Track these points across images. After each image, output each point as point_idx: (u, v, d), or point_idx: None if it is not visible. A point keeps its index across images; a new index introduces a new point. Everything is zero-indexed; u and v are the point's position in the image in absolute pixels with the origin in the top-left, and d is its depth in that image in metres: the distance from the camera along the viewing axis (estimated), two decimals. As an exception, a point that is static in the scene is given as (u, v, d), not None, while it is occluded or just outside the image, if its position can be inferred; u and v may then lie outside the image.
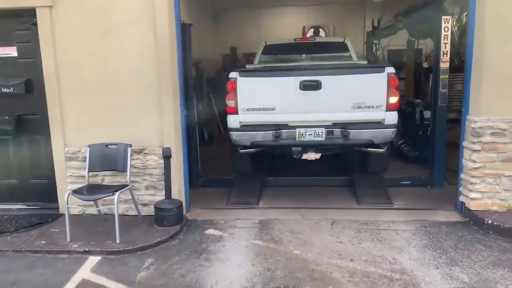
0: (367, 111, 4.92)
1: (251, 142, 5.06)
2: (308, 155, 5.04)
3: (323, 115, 4.98)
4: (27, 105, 5.17)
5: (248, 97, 5.00)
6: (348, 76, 4.99)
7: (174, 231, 4.58)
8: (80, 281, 3.72)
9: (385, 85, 4.85)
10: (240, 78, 5.00)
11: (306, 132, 4.97)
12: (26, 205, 5.36)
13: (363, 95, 4.91)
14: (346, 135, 4.93)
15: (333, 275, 3.67)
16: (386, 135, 5.02)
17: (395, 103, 4.94)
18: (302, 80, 4.87)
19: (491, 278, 3.57)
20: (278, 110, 4.99)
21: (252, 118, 5.04)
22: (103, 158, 4.74)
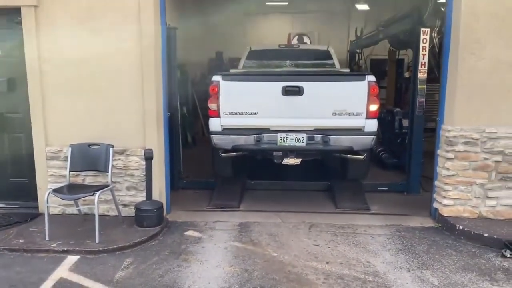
0: (348, 118, 5.02)
1: (232, 145, 5.11)
2: (289, 160, 5.10)
3: (304, 120, 5.05)
4: (9, 103, 5.17)
5: (230, 101, 5.05)
6: (329, 83, 5.12)
7: (154, 232, 4.62)
8: (58, 279, 3.73)
9: (365, 93, 4.96)
10: (223, 81, 5.05)
11: (287, 137, 5.03)
12: (5, 204, 5.33)
13: (344, 102, 5.01)
14: (327, 141, 5.01)
15: (308, 277, 3.76)
16: (365, 142, 5.12)
17: (375, 111, 5.05)
18: (284, 85, 4.94)
19: (460, 282, 3.71)
20: (260, 114, 5.05)
21: (234, 122, 5.08)
22: (84, 158, 4.76)
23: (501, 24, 4.62)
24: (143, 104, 4.91)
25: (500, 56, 4.64)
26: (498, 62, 4.65)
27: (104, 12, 4.80)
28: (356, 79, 5.14)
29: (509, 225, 4.70)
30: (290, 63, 7.30)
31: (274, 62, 7.35)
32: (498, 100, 4.71)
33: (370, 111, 5.00)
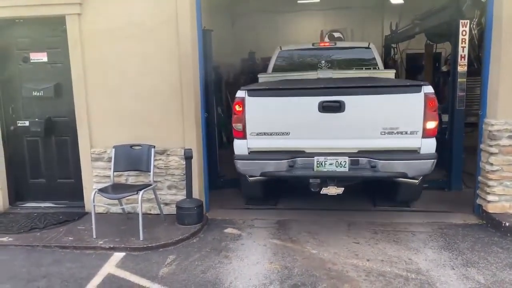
0: (400, 138, 4.24)
1: (261, 172, 4.45)
2: (329, 190, 4.33)
3: (346, 141, 4.34)
4: (56, 108, 5.42)
5: (258, 120, 4.41)
6: (377, 96, 4.29)
7: (194, 229, 4.74)
8: (106, 275, 3.90)
9: (421, 107, 4.16)
10: (249, 98, 4.40)
11: (326, 161, 4.30)
12: (54, 203, 5.61)
13: (395, 118, 4.23)
14: (374, 166, 4.24)
15: (349, 274, 3.75)
16: (422, 167, 4.29)
17: (434, 128, 4.24)
18: (322, 100, 4.24)
19: (508, 279, 3.60)
20: (294, 135, 4.38)
21: (262, 144, 4.44)
22: (127, 158, 4.94)
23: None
24: (182, 106, 5.04)
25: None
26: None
27: (143, 19, 4.96)
28: (409, 90, 4.30)
29: (556, 222, 4.51)
30: (326, 64, 6.67)
31: (308, 63, 6.74)
32: (545, 92, 4.53)
33: (427, 129, 4.20)
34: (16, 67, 5.42)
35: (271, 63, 6.84)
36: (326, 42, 7.57)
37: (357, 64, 6.71)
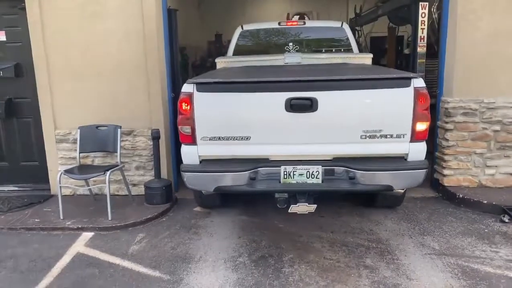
0: (384, 142, 3.53)
1: (215, 187, 3.61)
2: (298, 208, 3.57)
3: (319, 147, 3.59)
4: (17, 89, 5.28)
5: (211, 121, 3.58)
6: (356, 92, 3.53)
7: (163, 208, 4.79)
8: (75, 254, 3.90)
9: (411, 105, 3.45)
10: (198, 93, 3.53)
11: (295, 172, 3.55)
12: (18, 187, 5.50)
13: (378, 118, 3.51)
14: (353, 177, 3.50)
15: (314, 245, 3.92)
16: (411, 179, 3.61)
17: (425, 130, 3.54)
18: (290, 97, 3.44)
19: (460, 245, 3.87)
20: (255, 139, 3.57)
21: (217, 151, 3.63)
22: (93, 139, 4.89)
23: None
24: (148, 86, 5.02)
25: (497, 26, 4.72)
26: (496, 32, 4.73)
27: (106, -5, 4.87)
28: (397, 84, 3.50)
29: (507, 192, 4.84)
30: (294, 47, 5.89)
31: (273, 45, 6.03)
32: (496, 71, 4.80)
33: (417, 132, 3.50)
34: (-27, 46, 5.22)
35: (232, 44, 6.04)
36: (294, 21, 6.38)
37: (329, 47, 6.03)
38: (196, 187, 3.88)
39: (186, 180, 3.68)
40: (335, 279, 3.36)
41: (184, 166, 3.69)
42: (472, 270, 3.45)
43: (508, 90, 4.82)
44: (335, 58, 5.54)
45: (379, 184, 3.55)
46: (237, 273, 3.49)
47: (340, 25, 6.09)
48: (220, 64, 5.54)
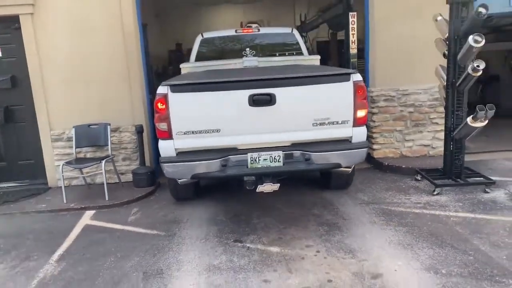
0: (332, 128, 4.17)
1: (192, 175, 4.14)
2: (264, 187, 4.11)
3: (279, 135, 4.17)
4: (12, 98, 6.09)
5: (185, 118, 4.08)
6: (307, 87, 4.14)
7: (150, 190, 5.78)
8: (84, 225, 4.83)
9: (351, 96, 4.11)
10: (172, 94, 4.02)
11: (260, 157, 4.11)
12: (17, 183, 6.28)
13: (326, 108, 4.15)
14: (308, 159, 4.13)
15: (276, 205, 5.06)
16: (355, 157, 4.28)
17: (364, 116, 4.22)
18: (252, 93, 3.99)
19: (383, 196, 5.15)
20: (225, 131, 4.11)
21: (191, 144, 4.12)
22: (87, 136, 5.81)
23: (395, 2, 6.04)
24: (130, 89, 6.00)
25: (403, 31, 6.09)
26: (402, 35, 6.10)
27: (92, 16, 5.82)
28: (339, 79, 4.16)
29: (421, 160, 6.24)
30: (250, 52, 6.47)
31: (231, 50, 6.60)
32: (406, 65, 6.18)
33: (358, 118, 4.17)
34: (-29, 62, 5.99)
35: (193, 51, 6.56)
36: (249, 28, 7.00)
37: (282, 50, 6.64)
38: (175, 176, 4.41)
39: (165, 171, 4.17)
40: (291, 224, 4.51)
41: (163, 158, 4.15)
42: (389, 210, 4.72)
43: (417, 80, 6.21)
44: (288, 61, 6.23)
45: (330, 162, 4.22)
46: (217, 226, 4.57)
47: (291, 31, 6.83)
48: (185, 70, 6.04)
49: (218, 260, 3.82)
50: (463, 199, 4.92)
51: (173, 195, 5.37)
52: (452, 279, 3.29)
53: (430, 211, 4.64)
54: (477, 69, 4.60)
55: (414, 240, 3.97)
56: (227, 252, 3.97)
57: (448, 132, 5.27)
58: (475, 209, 4.62)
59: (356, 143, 4.24)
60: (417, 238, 4.01)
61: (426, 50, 5.80)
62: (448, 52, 5.11)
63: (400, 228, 4.25)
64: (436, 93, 6.03)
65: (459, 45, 4.93)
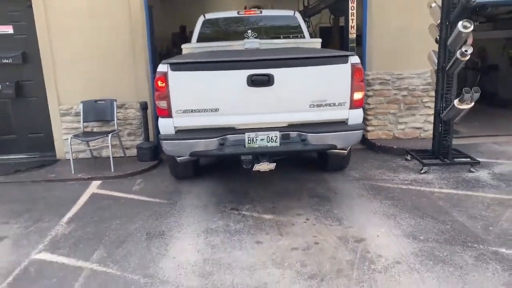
0: (328, 110, 4.23)
1: (190, 152, 4.24)
2: (261, 166, 4.22)
3: (276, 116, 4.24)
4: (23, 73, 6.36)
5: (184, 96, 4.16)
6: (305, 69, 4.19)
7: (153, 163, 6.09)
8: (91, 194, 5.16)
9: (349, 78, 4.17)
10: (172, 72, 4.08)
11: (257, 137, 4.17)
12: (26, 155, 6.60)
13: (324, 90, 4.20)
14: (305, 140, 4.21)
15: (271, 181, 5.36)
16: (351, 138, 4.36)
17: (361, 99, 4.29)
18: (250, 74, 4.05)
19: (373, 174, 5.45)
20: (223, 111, 4.17)
21: (190, 122, 4.21)
22: (94, 111, 6.11)
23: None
24: (135, 68, 6.27)
25: (399, 22, 6.32)
26: (399, 26, 6.33)
27: (100, -4, 6.08)
28: (337, 61, 4.21)
29: (413, 141, 6.52)
30: (252, 34, 6.54)
31: (233, 32, 6.69)
32: (401, 51, 6.42)
33: (354, 100, 4.24)
34: (-17, 38, 6.26)
35: (195, 32, 6.61)
36: (252, 10, 7.09)
37: (284, 33, 6.66)
38: (174, 153, 4.54)
39: (165, 148, 4.28)
40: (285, 196, 4.82)
41: (162, 136, 4.24)
42: (378, 186, 5.02)
43: (411, 65, 6.45)
44: (289, 43, 6.23)
45: (326, 144, 4.28)
46: (215, 197, 4.89)
47: (293, 13, 6.79)
48: (186, 50, 6.11)
49: (215, 225, 4.14)
50: (448, 177, 5.21)
51: (172, 174, 5.48)
52: (429, 244, 3.60)
53: (416, 187, 4.93)
54: (465, 54, 4.85)
55: (397, 212, 4.28)
56: (224, 218, 4.28)
57: (437, 114, 5.54)
58: (458, 186, 4.92)
59: (352, 125, 4.31)
60: (400, 210, 4.31)
61: (420, 36, 6.02)
62: (439, 38, 5.35)
63: (386, 201, 4.55)
64: (429, 78, 6.27)
65: (449, 30, 5.17)
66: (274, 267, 3.34)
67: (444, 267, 3.24)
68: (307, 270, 3.28)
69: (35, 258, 3.65)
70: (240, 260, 3.47)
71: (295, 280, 3.16)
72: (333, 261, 3.39)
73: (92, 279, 3.27)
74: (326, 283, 3.09)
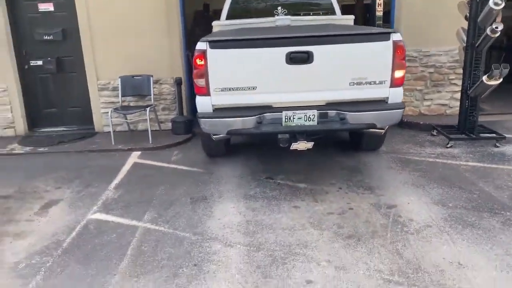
0: (368, 88, 4.17)
1: (228, 131, 4.26)
2: (298, 145, 4.20)
3: (314, 94, 4.21)
4: (63, 49, 6.66)
5: (222, 74, 4.16)
6: (346, 46, 4.13)
7: (187, 137, 6.38)
8: (133, 163, 5.49)
9: (390, 55, 4.09)
10: (211, 50, 4.07)
11: (294, 116, 4.16)
12: (66, 128, 6.96)
13: (364, 68, 4.14)
14: (343, 118, 4.17)
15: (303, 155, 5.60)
16: (391, 118, 4.29)
17: (402, 77, 4.22)
18: (289, 51, 4.03)
19: (401, 148, 5.64)
20: (260, 89, 4.16)
21: (228, 100, 4.21)
22: (131, 86, 6.40)
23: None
24: (170, 44, 6.50)
25: (428, -2, 6.41)
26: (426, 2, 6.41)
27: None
28: (379, 38, 4.12)
29: (438, 117, 6.66)
30: (282, 11, 6.42)
31: (263, 9, 6.57)
32: (428, 29, 6.49)
33: (395, 78, 4.16)
34: (25, 16, 6.54)
35: (224, 9, 6.48)
36: None
37: (315, 10, 6.58)
38: (211, 131, 4.51)
39: (203, 126, 4.26)
40: (317, 168, 5.07)
41: (200, 114, 4.24)
42: (406, 159, 5.23)
43: (439, 42, 6.54)
44: (321, 20, 6.09)
45: (365, 123, 4.21)
46: (250, 168, 5.16)
47: None
48: (216, 28, 5.99)
49: (253, 191, 4.43)
50: (474, 151, 5.39)
51: (205, 151, 5.54)
52: (457, 211, 3.83)
53: (443, 160, 5.13)
54: (496, 31, 4.96)
55: (426, 182, 4.50)
56: (260, 186, 4.57)
57: (464, 90, 5.67)
58: (484, 159, 5.10)
59: (392, 104, 4.22)
60: (428, 181, 4.53)
61: (448, 13, 6.10)
62: (469, 15, 5.44)
63: (414, 173, 4.76)
64: (456, 55, 6.37)
65: (480, 7, 5.25)
66: (312, 228, 3.62)
67: (473, 230, 3.47)
68: (344, 231, 3.55)
69: (91, 218, 4.00)
70: (280, 221, 3.76)
71: (333, 239, 3.43)
72: (368, 224, 3.65)
73: (148, 235, 3.61)
74: (363, 242, 3.36)
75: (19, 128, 6.80)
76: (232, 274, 3.02)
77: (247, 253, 3.28)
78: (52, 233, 3.73)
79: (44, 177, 5.09)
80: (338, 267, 3.06)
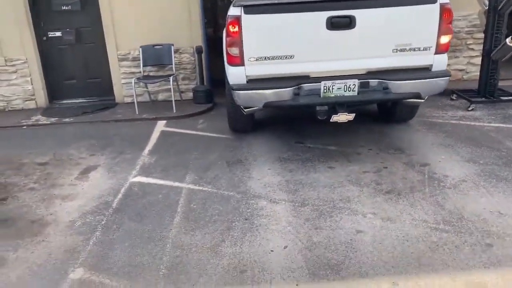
0: (412, 55, 3.94)
1: (264, 103, 4.02)
2: (339, 117, 4.04)
3: (355, 62, 3.96)
4: (82, 20, 6.64)
5: (258, 42, 3.89)
6: (390, 9, 3.86)
7: (209, 106, 6.45)
8: (161, 131, 5.57)
9: (437, 19, 3.85)
10: (246, 16, 3.81)
11: (333, 86, 3.92)
12: (86, 99, 7.00)
13: (408, 33, 3.90)
14: (386, 88, 3.95)
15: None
16: (437, 86, 4.08)
17: (447, 43, 3.98)
18: (330, 15, 3.77)
19: (422, 112, 5.70)
20: (298, 58, 3.91)
21: (263, 70, 3.96)
22: (152, 55, 6.42)
23: None
24: (189, 13, 6.49)
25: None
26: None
27: None
28: (424, 1, 3.86)
29: (456, 83, 6.75)
30: None
31: None
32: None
33: (441, 44, 3.93)
34: (42, -14, 6.50)
35: None
36: None
37: None
38: (247, 104, 4.21)
39: (238, 98, 4.00)
40: (344, 132, 5.15)
41: (235, 86, 3.98)
42: (430, 122, 5.34)
43: (458, 7, 6.49)
44: None
45: (410, 92, 4.00)
46: (279, 134, 5.24)
47: None
48: None
49: (286, 155, 4.54)
50: (495, 113, 5.50)
51: (230, 126, 5.25)
52: (489, 167, 3.96)
53: (466, 122, 5.25)
54: (521, -8, 4.99)
55: (453, 142, 4.62)
56: (292, 150, 4.67)
57: (486, 53, 5.73)
58: (506, 121, 5.21)
59: (437, 72, 4.03)
60: (456, 141, 4.65)
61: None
62: (493, -23, 5.46)
63: (440, 134, 4.88)
64: (475, 20, 6.40)
65: (505, -31, 5.27)
66: (351, 185, 3.75)
67: (507, 183, 3.61)
68: (383, 188, 3.68)
69: (133, 181, 4.11)
70: (318, 180, 3.88)
71: (374, 194, 3.57)
72: (405, 181, 3.78)
73: (193, 195, 3.73)
74: (403, 196, 3.50)
75: (40, 100, 6.83)
76: (283, 226, 3.16)
77: (293, 208, 3.41)
78: (98, 195, 3.84)
79: (76, 144, 5.18)
80: (384, 218, 3.20)
